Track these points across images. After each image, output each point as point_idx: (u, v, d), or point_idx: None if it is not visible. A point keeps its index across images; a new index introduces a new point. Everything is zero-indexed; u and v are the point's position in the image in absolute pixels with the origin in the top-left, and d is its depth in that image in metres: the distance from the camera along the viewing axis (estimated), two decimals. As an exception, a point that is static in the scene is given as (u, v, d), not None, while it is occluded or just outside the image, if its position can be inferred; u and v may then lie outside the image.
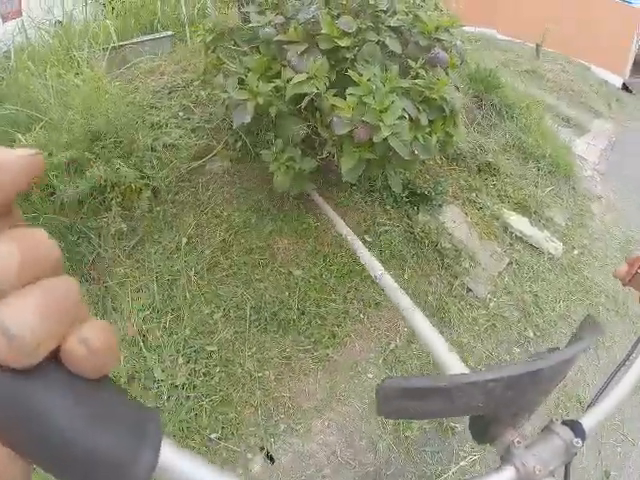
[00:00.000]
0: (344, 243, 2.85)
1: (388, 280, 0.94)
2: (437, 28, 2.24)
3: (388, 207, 3.26)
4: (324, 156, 2.40)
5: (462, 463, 2.23)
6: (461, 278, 3.16)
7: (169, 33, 4.02)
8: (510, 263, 3.45)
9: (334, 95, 2.00)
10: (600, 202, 5.18)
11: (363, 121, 1.86)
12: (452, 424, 2.39)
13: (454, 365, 0.60)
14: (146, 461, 0.20)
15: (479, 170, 4.00)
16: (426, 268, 3.10)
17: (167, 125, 2.90)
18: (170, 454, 0.24)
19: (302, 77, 1.92)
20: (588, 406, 0.45)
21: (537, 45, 10.98)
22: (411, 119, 2.03)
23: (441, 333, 2.52)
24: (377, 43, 2.13)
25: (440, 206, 3.47)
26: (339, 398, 2.27)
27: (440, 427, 2.37)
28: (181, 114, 3.03)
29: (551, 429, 0.39)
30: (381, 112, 1.84)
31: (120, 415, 0.21)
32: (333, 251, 2.90)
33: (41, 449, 0.18)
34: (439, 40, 2.30)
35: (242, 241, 2.66)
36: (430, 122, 2.13)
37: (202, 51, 2.73)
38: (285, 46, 2.09)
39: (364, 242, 3.02)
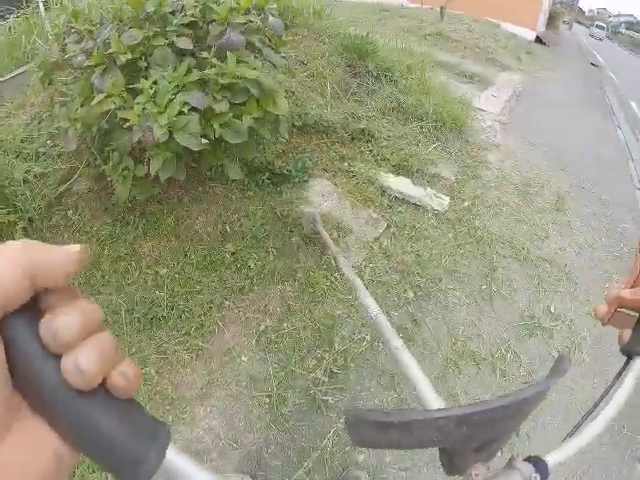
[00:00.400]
0: (203, 237, 2.84)
1: (382, 320, 0.97)
2: (232, 12, 2.18)
3: (250, 193, 3.12)
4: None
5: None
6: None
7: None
8: (389, 226, 3.31)
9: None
10: (499, 150, 5.13)
11: (149, 126, 1.91)
12: (324, 397, 2.27)
13: (433, 401, 0.62)
14: (153, 460, 0.28)
15: (352, 138, 3.85)
16: (292, 245, 2.93)
17: (37, 155, 3.00)
18: (174, 458, 0.32)
19: (101, 97, 2.00)
20: (563, 440, 0.45)
21: (441, 8, 11.02)
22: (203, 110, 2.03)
23: (314, 307, 2.54)
24: (169, 45, 2.12)
25: (306, 181, 3.29)
26: (217, 384, 2.27)
27: (314, 402, 2.26)
28: (49, 142, 3.07)
29: (512, 465, 0.39)
30: (160, 113, 1.89)
31: (142, 425, 0.29)
32: (193, 246, 2.79)
33: (89, 444, 0.27)
34: (236, 25, 2.19)
35: (110, 251, 2.72)
36: (238, 105, 2.16)
37: (40, 85, 2.72)
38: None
39: (225, 233, 2.89)
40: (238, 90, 2.13)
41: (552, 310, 3.11)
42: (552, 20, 19.18)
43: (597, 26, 42.19)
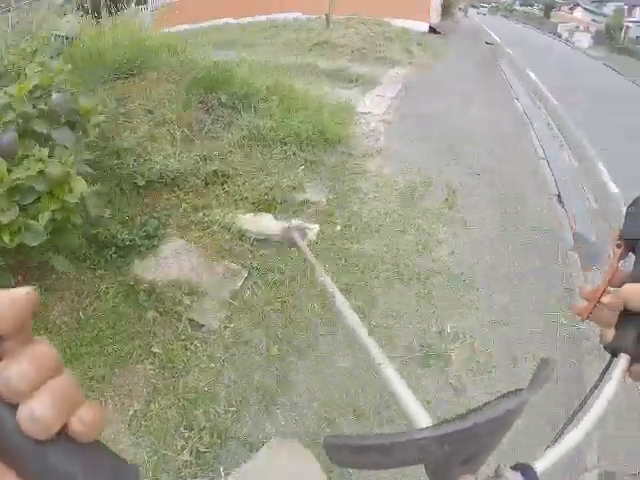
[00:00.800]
0: (61, 327, 2.59)
1: (364, 337, 0.69)
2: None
3: (101, 271, 2.87)
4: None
5: None
6: (186, 316, 2.68)
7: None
8: (250, 275, 3.00)
9: None
10: (380, 155, 4.96)
11: None
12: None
13: (418, 417, 0.50)
14: None
15: (206, 184, 3.54)
16: (149, 320, 2.64)
17: None
18: None
19: None
20: (546, 448, 0.42)
21: (326, 16, 10.97)
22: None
23: (177, 383, 2.33)
24: None
25: (155, 247, 2.96)
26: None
27: None
28: None
29: (500, 474, 0.37)
30: None
31: (108, 467, 0.28)
32: (51, 338, 2.53)
33: None
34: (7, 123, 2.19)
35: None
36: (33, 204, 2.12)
37: None
38: None
39: (80, 320, 2.64)
40: (25, 190, 2.07)
41: (448, 330, 2.84)
42: (447, 9, 19.68)
43: (481, 6, 54.84)
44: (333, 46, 9.63)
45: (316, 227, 3.47)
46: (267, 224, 3.34)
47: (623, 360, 0.46)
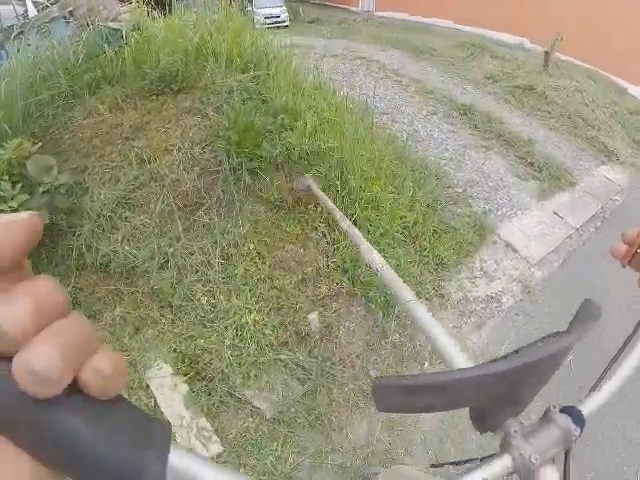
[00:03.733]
0: None
1: (389, 273, 0.87)
2: None
3: None
4: None
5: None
6: None
7: None
8: None
9: None
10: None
11: None
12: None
13: (455, 356, 0.57)
14: (154, 470, 0.23)
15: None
16: None
17: None
18: (179, 460, 0.25)
19: None
20: (589, 391, 0.42)
21: (546, 53, 8.15)
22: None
23: None
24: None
25: None
26: None
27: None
28: None
29: (549, 417, 0.37)
30: None
31: (132, 428, 0.23)
32: None
33: (69, 462, 0.21)
34: None
35: None
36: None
37: None
38: None
39: None
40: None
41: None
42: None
43: None
44: (540, 98, 6.98)
45: None
46: None
47: None
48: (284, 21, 13.71)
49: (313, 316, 2.72)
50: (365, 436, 2.42)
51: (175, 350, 2.54)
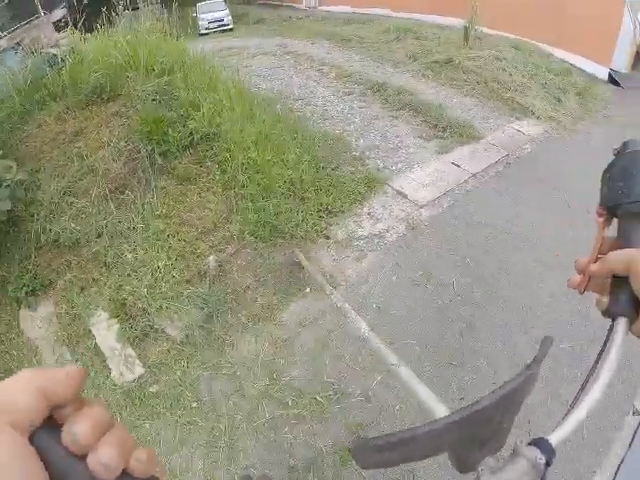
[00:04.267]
0: None
1: (374, 338, 1.04)
2: None
3: None
4: None
5: None
6: None
7: None
8: None
9: None
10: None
11: None
12: None
13: (436, 408, 0.81)
14: None
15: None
16: None
17: None
18: None
19: None
20: (560, 421, 0.43)
21: (465, 28, 8.62)
22: None
23: None
24: None
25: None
26: None
27: None
28: None
29: (517, 451, 0.39)
30: None
31: None
32: None
33: None
34: None
35: None
36: None
37: None
38: None
39: None
40: None
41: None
42: (641, 57, 15.31)
43: None
44: (456, 69, 7.46)
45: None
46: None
47: (622, 323, 0.47)
48: (228, 24, 14.25)
49: (210, 258, 3.36)
50: (254, 351, 2.87)
51: (110, 299, 3.23)
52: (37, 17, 5.77)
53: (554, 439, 0.40)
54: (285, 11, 16.59)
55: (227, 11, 14.56)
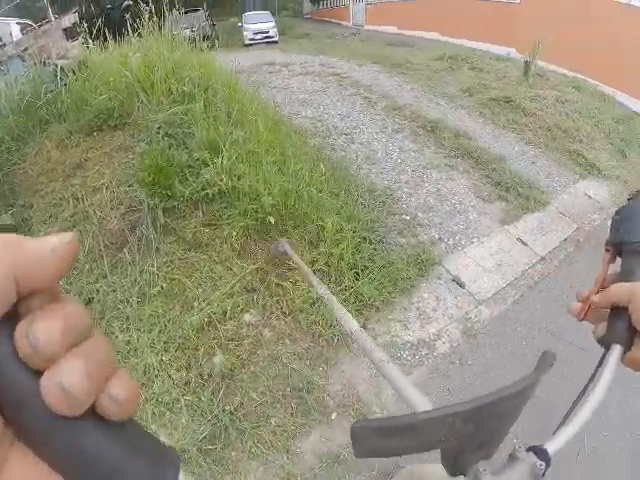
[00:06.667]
0: None
1: (362, 334, 0.86)
2: None
3: None
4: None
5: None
6: None
7: None
8: None
9: None
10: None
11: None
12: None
13: (420, 403, 0.60)
14: None
15: None
16: None
17: None
18: None
19: None
20: (556, 429, 0.43)
21: (526, 63, 7.57)
22: None
23: None
24: None
25: None
26: None
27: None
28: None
29: (515, 456, 0.39)
30: None
31: (145, 449, 0.23)
32: None
33: (90, 475, 0.21)
34: None
35: None
36: None
37: None
38: None
39: None
40: None
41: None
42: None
43: None
44: (516, 110, 6.46)
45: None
46: None
47: (616, 350, 0.47)
48: (273, 37, 13.35)
49: (216, 359, 2.52)
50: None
51: None
52: (48, 21, 5.10)
53: (552, 447, 0.39)
54: (331, 27, 15.73)
55: (273, 23, 13.69)
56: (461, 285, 3.13)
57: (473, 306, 3.02)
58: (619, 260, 0.54)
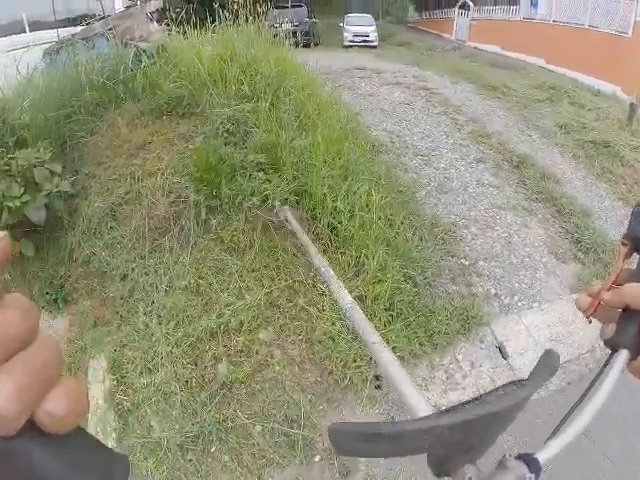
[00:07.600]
0: None
1: (357, 312, 0.85)
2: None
3: None
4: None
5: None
6: None
7: None
8: None
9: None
10: None
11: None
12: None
13: (419, 406, 0.58)
14: None
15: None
16: None
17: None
18: None
19: None
20: (547, 439, 0.40)
21: (631, 105, 6.64)
22: None
23: None
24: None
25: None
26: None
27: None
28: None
29: (504, 464, 0.36)
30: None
31: (91, 461, 0.22)
32: None
33: None
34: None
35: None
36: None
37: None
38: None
39: None
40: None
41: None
42: None
43: None
44: (614, 158, 5.70)
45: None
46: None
47: (623, 355, 0.44)
48: (373, 41, 13.01)
49: (220, 367, 2.47)
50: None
51: (115, 350, 2.61)
52: (134, 4, 5.19)
53: (542, 457, 0.37)
54: (432, 39, 15.08)
55: (374, 27, 13.35)
56: (504, 356, 2.72)
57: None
58: (636, 256, 0.48)
